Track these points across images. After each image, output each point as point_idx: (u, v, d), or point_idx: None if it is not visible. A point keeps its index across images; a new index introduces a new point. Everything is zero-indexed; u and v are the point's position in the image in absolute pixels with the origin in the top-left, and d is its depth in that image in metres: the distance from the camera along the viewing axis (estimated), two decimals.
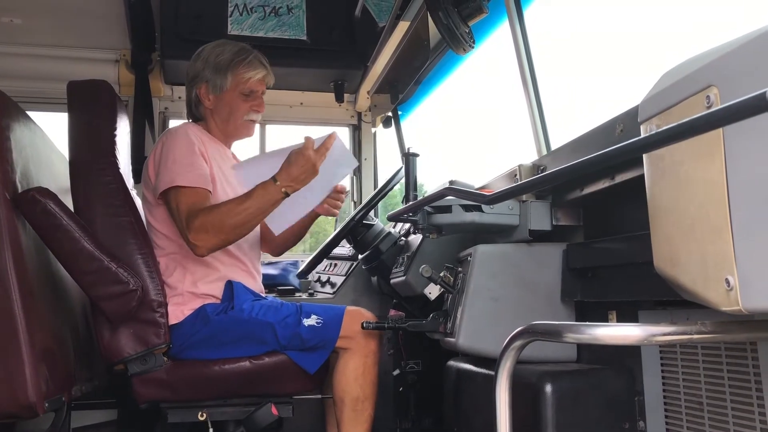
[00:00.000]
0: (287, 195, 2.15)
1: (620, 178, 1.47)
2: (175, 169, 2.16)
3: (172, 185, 2.15)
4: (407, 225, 2.60)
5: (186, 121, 2.52)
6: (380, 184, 2.79)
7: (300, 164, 2.13)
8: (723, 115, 0.66)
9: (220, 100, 2.40)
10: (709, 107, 0.93)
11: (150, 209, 2.29)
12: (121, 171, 2.15)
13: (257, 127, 2.53)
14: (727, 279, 0.89)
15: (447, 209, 1.86)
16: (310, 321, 2.18)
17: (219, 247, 2.15)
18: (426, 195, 1.93)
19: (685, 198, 0.98)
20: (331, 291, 3.06)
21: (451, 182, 2.14)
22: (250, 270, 2.41)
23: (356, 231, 2.62)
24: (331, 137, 2.18)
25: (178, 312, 2.18)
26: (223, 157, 2.42)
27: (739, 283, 0.87)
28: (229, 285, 2.27)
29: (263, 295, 2.43)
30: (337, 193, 2.47)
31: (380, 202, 2.84)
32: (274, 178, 2.14)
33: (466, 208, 1.84)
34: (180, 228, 2.14)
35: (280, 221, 2.41)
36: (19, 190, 1.86)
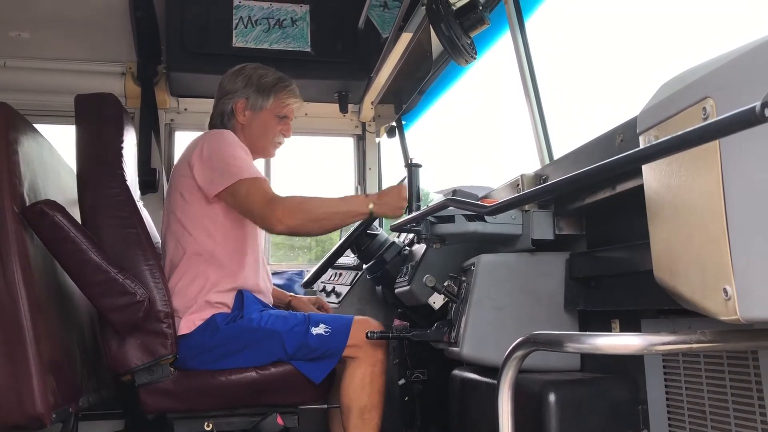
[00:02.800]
0: (371, 213, 2.24)
1: (621, 187, 1.48)
2: (236, 164, 2.24)
3: (240, 178, 2.21)
4: (411, 235, 2.61)
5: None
6: None
7: (395, 195, 2.25)
8: (716, 128, 0.67)
9: (256, 118, 2.49)
10: (705, 119, 0.94)
11: (183, 210, 2.31)
12: (128, 183, 2.17)
13: None
14: (725, 289, 0.90)
15: (450, 219, 1.87)
16: (318, 330, 2.19)
17: (297, 229, 2.23)
18: (430, 204, 1.94)
19: (683, 208, 0.99)
20: (336, 301, 3.07)
21: (454, 192, 2.15)
22: (267, 282, 2.45)
23: (360, 241, 2.63)
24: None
25: (189, 322, 2.19)
26: None
27: (737, 292, 0.88)
28: (240, 295, 2.29)
29: (272, 305, 2.45)
30: None
31: None
32: (366, 194, 2.27)
33: (469, 218, 1.85)
34: (256, 209, 2.20)
35: None
36: (27, 203, 1.88)
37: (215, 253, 2.26)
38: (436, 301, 2.06)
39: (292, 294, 2.78)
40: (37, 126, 2.11)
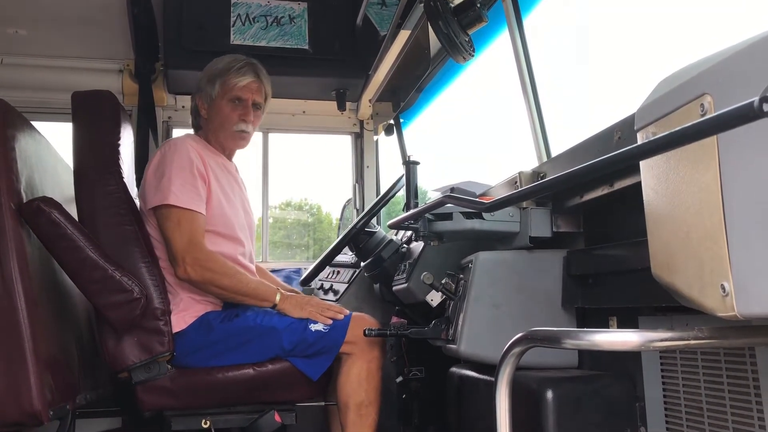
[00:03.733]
0: (275, 305, 2.24)
1: (619, 185, 1.48)
2: (170, 187, 2.19)
3: (164, 202, 2.17)
4: (409, 232, 2.61)
5: (190, 131, 2.55)
6: (382, 191, 2.80)
7: (306, 299, 2.28)
8: (713, 124, 0.67)
9: (212, 109, 2.44)
10: (703, 115, 0.94)
11: (148, 218, 2.30)
12: (125, 180, 2.17)
13: (260, 135, 2.55)
14: (722, 285, 0.90)
15: (448, 217, 1.87)
16: (317, 326, 2.19)
17: (198, 284, 2.19)
18: (428, 202, 1.94)
19: (681, 205, 0.99)
20: (333, 298, 3.07)
21: (451, 190, 2.15)
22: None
23: (358, 239, 2.63)
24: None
25: (180, 320, 2.19)
26: (222, 169, 2.43)
27: (735, 288, 0.88)
28: None
29: None
30: None
31: (382, 210, 2.85)
32: (281, 290, 2.26)
33: (467, 216, 1.85)
34: (177, 245, 2.16)
35: None
36: (24, 200, 1.87)
37: None
38: (434, 298, 2.06)
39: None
40: (34, 123, 2.11)
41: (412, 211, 1.96)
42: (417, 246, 2.43)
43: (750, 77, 0.88)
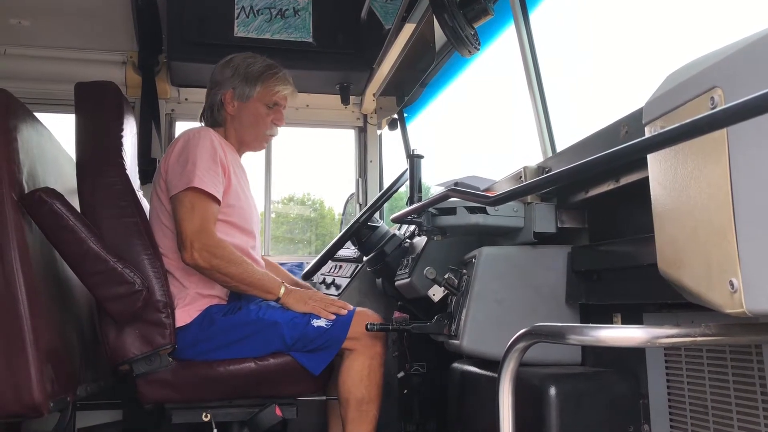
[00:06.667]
0: (279, 298, 2.23)
1: (625, 180, 1.47)
2: (195, 171, 2.18)
3: (189, 186, 2.16)
4: (412, 227, 2.60)
5: (200, 123, 2.53)
6: (385, 186, 2.79)
7: (309, 294, 2.28)
8: (726, 116, 0.66)
9: (244, 108, 2.44)
10: (713, 108, 0.93)
11: (163, 208, 2.30)
12: (128, 172, 2.15)
13: None
14: (731, 281, 0.89)
15: (451, 211, 1.86)
16: (320, 322, 2.18)
17: (203, 271, 2.17)
18: (431, 196, 1.93)
19: (689, 200, 0.98)
20: (336, 293, 3.06)
21: (455, 184, 2.14)
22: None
23: (361, 233, 2.62)
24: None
25: (185, 314, 2.18)
26: (238, 165, 2.45)
27: (743, 285, 0.87)
28: None
29: None
30: None
31: (385, 204, 2.84)
32: (285, 284, 2.27)
33: (471, 210, 1.84)
34: (186, 229, 2.14)
35: None
36: (26, 191, 1.86)
37: None
38: (437, 293, 2.05)
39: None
40: (37, 114, 2.10)
41: (415, 205, 1.95)
42: (420, 241, 2.42)
43: (761, 70, 0.86)
